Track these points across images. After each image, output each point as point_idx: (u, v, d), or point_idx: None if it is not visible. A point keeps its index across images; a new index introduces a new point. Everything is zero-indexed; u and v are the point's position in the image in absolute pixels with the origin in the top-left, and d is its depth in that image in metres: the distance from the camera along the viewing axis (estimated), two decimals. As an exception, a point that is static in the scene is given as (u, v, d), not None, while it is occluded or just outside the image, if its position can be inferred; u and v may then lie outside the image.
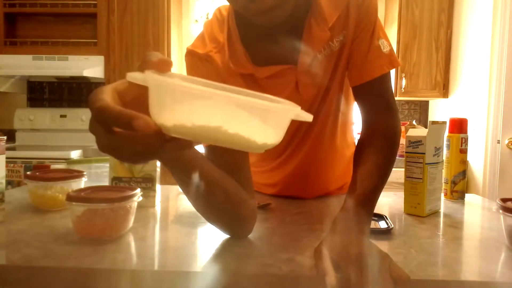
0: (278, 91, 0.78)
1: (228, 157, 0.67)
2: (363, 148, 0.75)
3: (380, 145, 0.74)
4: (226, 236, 0.72)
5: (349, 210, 0.63)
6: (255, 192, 1.06)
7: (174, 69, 0.41)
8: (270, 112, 0.35)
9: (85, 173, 0.90)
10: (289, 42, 0.76)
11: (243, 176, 0.70)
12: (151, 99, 0.35)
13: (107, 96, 0.37)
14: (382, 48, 0.78)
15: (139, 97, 0.39)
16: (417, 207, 0.87)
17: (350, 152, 1.01)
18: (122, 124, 0.34)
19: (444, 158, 1.01)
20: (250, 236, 0.72)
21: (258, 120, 0.34)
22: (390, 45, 0.80)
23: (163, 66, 0.39)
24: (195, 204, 0.65)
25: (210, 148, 0.71)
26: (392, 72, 3.01)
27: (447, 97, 2.69)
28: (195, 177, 0.57)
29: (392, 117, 0.78)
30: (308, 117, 0.37)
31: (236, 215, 0.67)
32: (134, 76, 0.36)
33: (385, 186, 0.70)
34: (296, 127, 0.90)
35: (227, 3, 0.69)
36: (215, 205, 0.65)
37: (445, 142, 1.01)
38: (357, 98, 0.82)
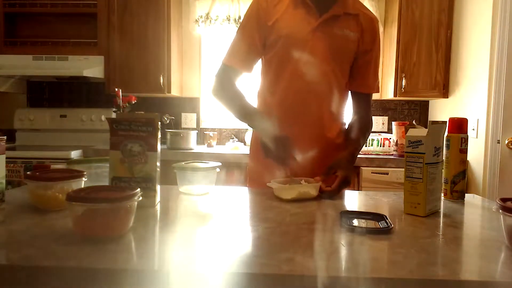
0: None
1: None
2: (353, 126, 1.28)
3: (362, 127, 1.28)
4: (226, 236, 0.72)
5: (350, 153, 1.19)
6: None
7: (173, 69, 0.41)
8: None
9: (85, 173, 0.91)
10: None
11: None
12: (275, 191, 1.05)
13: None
14: (378, 73, 1.27)
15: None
16: (417, 207, 0.87)
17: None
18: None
19: (444, 158, 1.01)
20: (250, 236, 0.72)
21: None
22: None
23: None
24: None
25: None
26: (392, 72, 3.01)
27: (447, 97, 2.69)
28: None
29: (369, 113, 1.34)
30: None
31: None
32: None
33: (385, 186, 0.72)
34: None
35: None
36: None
37: (445, 142, 1.01)
38: (353, 98, 1.30)
